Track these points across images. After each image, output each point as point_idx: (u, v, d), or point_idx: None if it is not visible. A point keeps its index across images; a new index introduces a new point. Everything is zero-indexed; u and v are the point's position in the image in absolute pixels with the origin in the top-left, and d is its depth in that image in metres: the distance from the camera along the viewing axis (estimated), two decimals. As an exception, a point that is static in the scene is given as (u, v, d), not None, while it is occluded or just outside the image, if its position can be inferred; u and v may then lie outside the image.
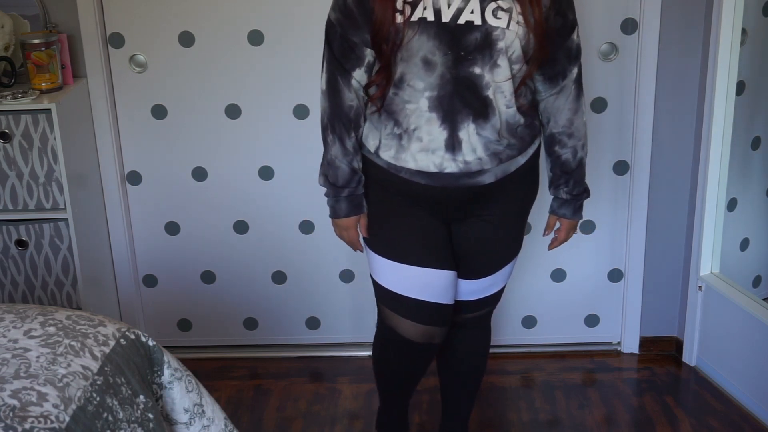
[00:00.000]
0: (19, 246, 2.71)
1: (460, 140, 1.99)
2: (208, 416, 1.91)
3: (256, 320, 3.15)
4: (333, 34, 2.02)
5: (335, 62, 2.03)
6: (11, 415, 1.45)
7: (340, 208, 2.13)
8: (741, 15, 2.67)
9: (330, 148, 2.08)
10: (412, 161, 2.02)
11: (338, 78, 2.03)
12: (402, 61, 1.96)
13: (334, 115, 2.06)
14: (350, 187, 2.10)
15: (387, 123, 2.03)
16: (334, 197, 2.12)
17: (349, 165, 2.08)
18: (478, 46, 1.93)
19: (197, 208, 3.02)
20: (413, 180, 2.05)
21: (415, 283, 2.13)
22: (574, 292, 3.09)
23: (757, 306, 2.72)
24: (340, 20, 2.00)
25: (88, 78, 2.84)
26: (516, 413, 2.78)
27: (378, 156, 2.07)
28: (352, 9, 1.97)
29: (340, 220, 2.15)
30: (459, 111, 1.97)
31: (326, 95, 2.06)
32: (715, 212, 2.84)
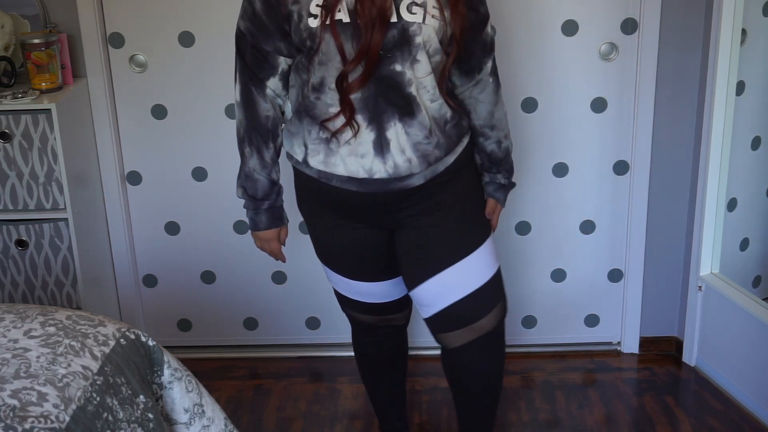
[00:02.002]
0: (19, 246, 2.71)
1: (388, 141, 1.96)
2: (208, 416, 1.91)
3: (256, 320, 3.15)
4: (244, 43, 1.99)
5: (248, 72, 2.00)
6: (11, 415, 1.45)
7: (260, 221, 2.13)
8: (741, 15, 2.67)
9: (248, 161, 2.06)
10: (342, 165, 1.98)
11: (252, 88, 2.01)
12: (320, 65, 1.92)
13: (250, 127, 2.04)
14: (270, 199, 2.10)
15: (311, 128, 1.99)
16: (254, 210, 2.11)
17: (268, 177, 2.07)
18: (397, 44, 1.90)
19: (197, 208, 3.02)
20: (344, 188, 2.01)
21: (359, 290, 2.23)
22: (574, 292, 3.09)
23: (757, 306, 2.72)
24: (250, 29, 1.97)
25: (88, 78, 2.84)
26: (516, 413, 2.78)
27: (307, 164, 2.03)
28: (261, 16, 1.95)
29: (261, 233, 2.16)
30: (384, 111, 1.94)
31: (241, 107, 2.03)
32: (715, 212, 2.84)
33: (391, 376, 2.48)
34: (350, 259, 2.18)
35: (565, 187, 2.96)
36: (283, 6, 1.91)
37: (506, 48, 2.79)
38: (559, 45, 2.81)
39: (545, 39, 2.81)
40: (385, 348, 2.42)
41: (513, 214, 2.99)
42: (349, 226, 2.12)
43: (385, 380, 2.48)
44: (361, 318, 2.34)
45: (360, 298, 2.26)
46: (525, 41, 2.80)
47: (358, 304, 2.29)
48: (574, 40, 2.80)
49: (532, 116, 2.88)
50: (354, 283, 2.22)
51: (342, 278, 2.23)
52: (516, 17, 2.77)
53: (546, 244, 3.03)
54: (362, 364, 2.48)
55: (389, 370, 2.47)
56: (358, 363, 2.50)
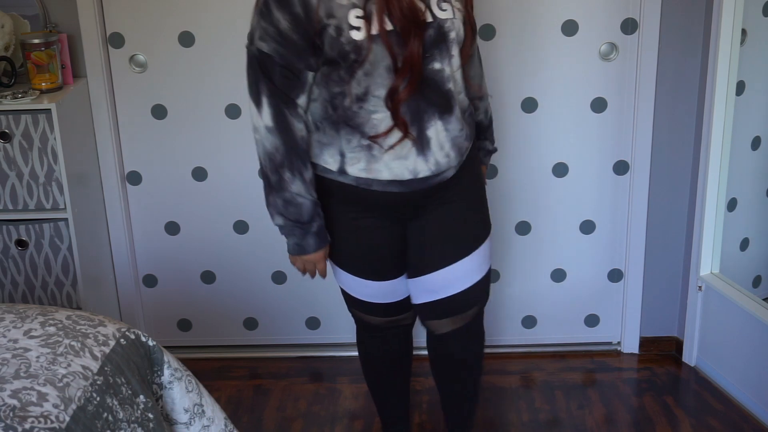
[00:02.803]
0: (19, 246, 2.71)
1: (428, 139, 1.98)
2: (208, 416, 1.91)
3: (256, 320, 3.15)
4: (270, 65, 1.91)
5: (279, 95, 1.93)
6: (11, 415, 1.45)
7: (308, 244, 2.06)
8: (741, 15, 2.67)
9: (289, 186, 1.98)
10: (386, 170, 1.98)
11: (285, 111, 1.94)
12: (366, 75, 1.90)
13: (289, 151, 1.96)
14: (317, 220, 2.03)
15: (351, 137, 1.97)
16: (300, 234, 2.04)
17: (312, 198, 2.01)
18: (435, 42, 1.93)
19: (197, 208, 3.02)
20: (386, 191, 2.01)
21: (375, 291, 2.22)
22: (574, 292, 3.09)
23: (757, 306, 2.72)
24: (277, 50, 1.89)
25: (88, 78, 2.84)
26: (516, 413, 2.78)
27: (343, 173, 2.01)
28: (290, 35, 1.87)
29: (308, 256, 2.09)
30: (425, 110, 1.96)
31: (275, 132, 1.95)
32: (715, 212, 2.84)
33: (397, 376, 2.46)
34: (372, 258, 2.16)
35: (565, 187, 2.96)
36: (315, 21, 1.86)
37: (506, 48, 2.79)
38: (559, 45, 2.81)
39: (545, 39, 2.81)
40: (393, 349, 2.40)
41: (513, 214, 2.99)
42: (376, 225, 2.11)
43: (391, 381, 2.46)
44: (371, 320, 2.32)
45: (375, 299, 2.23)
46: (525, 41, 2.80)
47: (370, 306, 2.26)
48: (574, 40, 2.80)
49: (532, 116, 2.88)
50: (371, 284, 2.19)
51: (360, 280, 2.19)
52: (516, 17, 2.77)
53: (546, 244, 3.03)
54: (368, 366, 2.46)
55: (396, 371, 2.45)
56: (364, 365, 2.47)
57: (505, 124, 2.86)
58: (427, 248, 2.15)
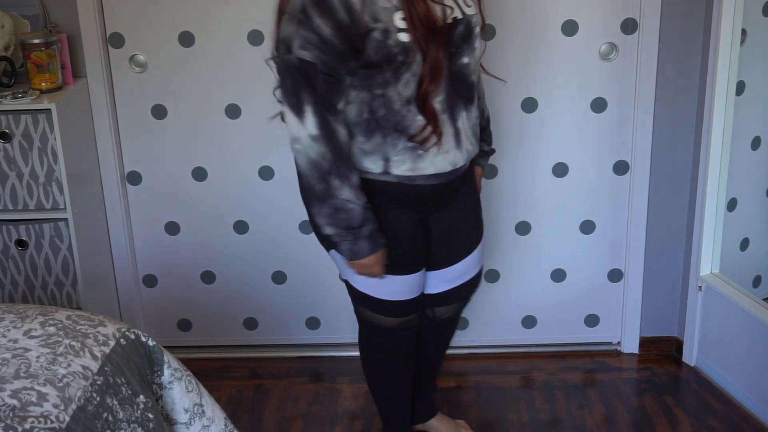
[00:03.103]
0: (19, 246, 2.71)
1: (459, 130, 2.04)
2: (208, 416, 1.91)
3: (256, 320, 3.15)
4: (313, 73, 1.89)
5: (323, 102, 1.91)
6: (11, 415, 1.45)
7: (361, 249, 2.02)
8: (741, 15, 2.67)
9: (338, 193, 1.95)
10: (431, 167, 2.03)
11: (329, 118, 1.92)
12: (414, 76, 1.92)
13: (336, 158, 1.94)
14: (368, 224, 2.01)
15: (397, 141, 1.98)
16: (352, 240, 2.01)
17: (361, 203, 1.98)
18: (464, 38, 1.99)
19: (197, 208, 3.02)
20: (428, 184, 2.06)
21: (402, 288, 2.21)
22: (574, 292, 3.09)
23: (757, 306, 2.72)
24: (320, 57, 1.87)
25: (88, 78, 2.84)
26: (516, 413, 2.78)
27: (387, 174, 2.03)
28: (333, 41, 1.86)
29: (362, 261, 2.06)
30: (456, 104, 2.02)
31: (321, 140, 1.92)
32: (715, 212, 2.84)
33: (403, 378, 2.46)
34: (408, 250, 2.17)
35: (565, 187, 2.96)
36: (360, 26, 1.86)
37: (506, 48, 2.79)
38: (559, 45, 2.81)
39: (545, 39, 2.81)
40: (402, 351, 2.37)
41: (513, 214, 2.99)
42: (410, 219, 2.14)
43: (397, 382, 2.45)
44: (384, 322, 2.27)
45: (398, 296, 2.21)
46: (525, 41, 2.80)
47: (388, 305, 2.22)
48: (574, 40, 2.80)
49: (532, 116, 2.88)
50: (402, 279, 2.17)
51: (392, 277, 2.16)
52: (516, 17, 2.77)
53: (546, 244, 3.03)
54: (373, 368, 2.43)
55: (403, 372, 2.44)
56: (368, 366, 2.44)
57: (505, 124, 2.86)
58: (454, 239, 2.24)
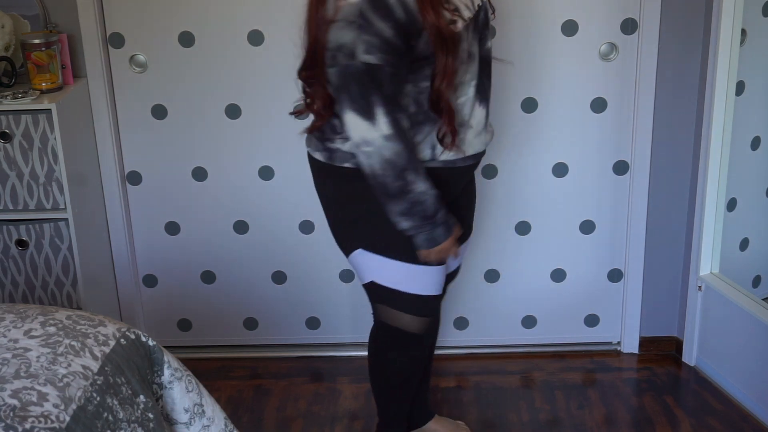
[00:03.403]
0: (19, 246, 2.71)
1: (488, 113, 2.16)
2: (208, 416, 1.91)
3: (256, 320, 3.15)
4: (383, 76, 1.92)
5: (393, 103, 1.95)
6: (11, 414, 1.45)
7: (438, 235, 2.06)
8: (741, 15, 2.67)
9: (414, 187, 1.99)
10: (470, 149, 2.11)
11: (399, 116, 1.97)
12: (462, 64, 2.01)
13: (410, 154, 1.98)
14: (441, 211, 2.04)
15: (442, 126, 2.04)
16: (430, 228, 2.05)
17: (435, 191, 2.02)
18: (486, 23, 2.08)
19: (197, 208, 3.02)
20: (465, 165, 2.14)
21: (432, 280, 2.21)
22: (574, 292, 3.09)
23: (757, 306, 2.72)
24: (388, 60, 1.91)
25: (88, 78, 2.84)
26: (516, 413, 2.78)
27: (434, 160, 2.07)
28: (395, 41, 1.90)
29: (440, 246, 2.09)
30: (487, 88, 2.13)
31: (395, 138, 1.95)
32: (715, 212, 2.84)
33: (416, 383, 2.45)
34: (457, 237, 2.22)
35: (565, 187, 2.96)
36: (417, 23, 1.91)
37: (506, 48, 2.79)
38: (559, 45, 2.81)
39: (545, 39, 2.81)
40: (422, 357, 2.37)
41: (513, 214, 2.99)
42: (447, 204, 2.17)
43: (410, 389, 2.43)
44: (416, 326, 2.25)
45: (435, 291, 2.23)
46: (525, 41, 2.80)
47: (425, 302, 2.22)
48: (574, 40, 2.81)
49: (532, 116, 2.88)
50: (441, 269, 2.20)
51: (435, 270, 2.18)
52: (516, 17, 2.77)
53: (546, 244, 3.03)
54: (392, 377, 2.40)
55: (417, 378, 2.44)
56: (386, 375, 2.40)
57: (505, 124, 2.86)
58: (466, 220, 2.34)
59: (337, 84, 1.96)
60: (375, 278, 2.22)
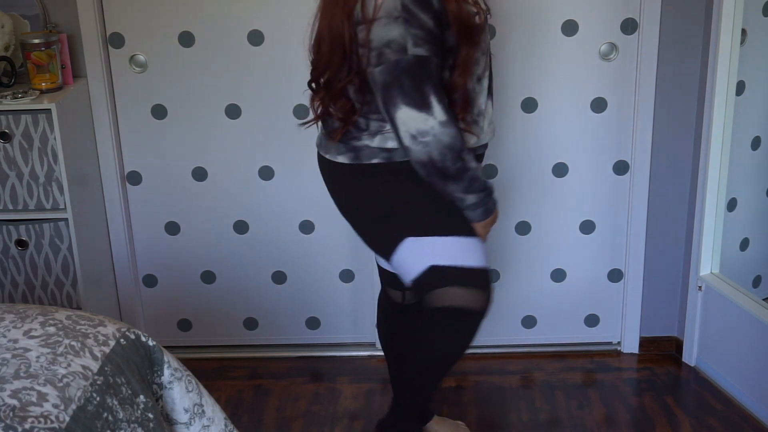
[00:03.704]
0: (19, 246, 2.71)
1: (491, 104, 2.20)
2: (208, 416, 1.91)
3: (256, 320, 3.15)
4: (432, 67, 1.97)
5: (441, 91, 2.00)
6: (11, 415, 1.45)
7: (492, 204, 2.15)
8: (741, 15, 2.67)
9: (470, 164, 2.05)
10: (485, 136, 2.18)
11: (446, 103, 2.02)
12: (483, 55, 2.10)
13: (462, 135, 2.05)
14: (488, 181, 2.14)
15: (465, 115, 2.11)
16: (487, 198, 2.13)
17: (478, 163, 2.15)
18: (486, 21, 2.11)
19: (197, 208, 3.02)
20: (478, 152, 2.21)
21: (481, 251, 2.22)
22: (574, 292, 3.09)
23: (757, 306, 2.72)
24: (433, 50, 1.96)
25: (88, 78, 2.84)
26: (516, 413, 2.78)
27: None
28: (436, 32, 1.96)
29: (492, 215, 2.18)
30: (491, 79, 2.19)
31: (450, 123, 2.00)
32: (715, 212, 2.84)
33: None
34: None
35: (565, 187, 2.96)
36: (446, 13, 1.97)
37: (506, 48, 2.79)
38: (559, 45, 2.81)
39: (545, 39, 2.81)
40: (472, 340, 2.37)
41: (513, 214, 2.99)
42: None
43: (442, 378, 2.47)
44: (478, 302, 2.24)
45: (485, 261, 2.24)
46: (525, 41, 2.80)
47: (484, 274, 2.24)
48: (574, 40, 2.80)
49: (532, 116, 2.88)
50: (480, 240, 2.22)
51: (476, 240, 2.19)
52: (516, 17, 2.77)
53: (546, 244, 3.03)
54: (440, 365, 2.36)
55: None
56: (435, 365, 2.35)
57: (505, 124, 2.86)
58: None
59: (385, 81, 1.96)
60: (434, 261, 2.17)
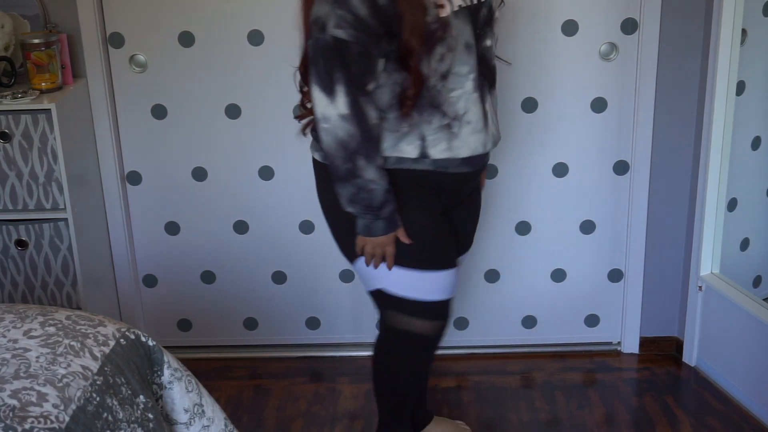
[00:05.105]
0: (19, 246, 2.71)
1: (486, 112, 2.09)
2: (208, 416, 1.91)
3: (256, 320, 3.15)
4: (348, 52, 1.89)
5: (355, 82, 1.92)
6: (11, 415, 1.45)
7: (377, 228, 2.06)
8: (741, 15, 2.67)
9: (363, 173, 1.97)
10: (465, 147, 2.05)
11: (360, 99, 1.94)
12: (450, 52, 1.96)
13: (364, 139, 1.95)
14: (388, 206, 2.03)
15: (431, 118, 2.00)
16: (371, 219, 2.05)
17: (385, 185, 2.01)
18: (487, 20, 2.04)
19: (197, 208, 3.02)
20: (459, 171, 2.08)
21: (443, 285, 2.17)
22: (574, 292, 3.09)
23: (757, 306, 2.72)
24: (356, 36, 1.87)
25: (88, 78, 2.84)
26: (516, 413, 2.78)
27: (423, 158, 2.03)
28: (369, 22, 1.87)
29: (376, 238, 2.08)
30: (483, 85, 2.07)
31: (351, 119, 1.93)
32: (715, 212, 2.84)
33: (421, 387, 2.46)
34: (448, 243, 2.19)
35: (565, 187, 2.96)
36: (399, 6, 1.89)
37: (506, 48, 2.78)
38: (559, 45, 2.81)
39: (545, 39, 2.81)
40: (429, 360, 2.36)
41: (513, 214, 2.99)
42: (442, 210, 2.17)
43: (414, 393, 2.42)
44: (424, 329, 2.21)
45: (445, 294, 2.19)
46: (525, 41, 2.80)
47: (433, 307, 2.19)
48: (574, 40, 2.80)
49: (532, 116, 2.88)
50: (448, 274, 2.17)
51: (437, 274, 2.15)
52: (516, 17, 2.77)
53: (546, 244, 3.03)
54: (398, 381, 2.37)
55: (422, 382, 2.44)
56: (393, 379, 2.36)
57: (505, 124, 2.86)
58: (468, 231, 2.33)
59: (309, 57, 1.95)
60: (383, 285, 2.17)
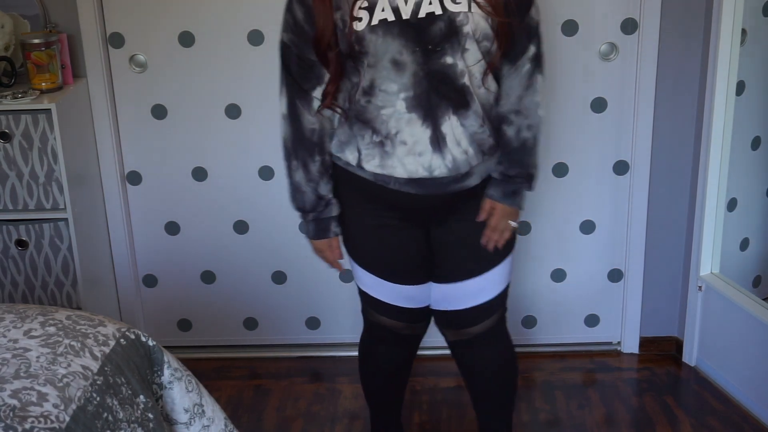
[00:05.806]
0: (19, 246, 2.71)
1: (444, 135, 1.94)
2: (208, 416, 1.91)
3: (256, 320, 3.15)
4: (288, 55, 1.98)
5: (294, 85, 1.99)
6: (11, 415, 1.45)
7: (308, 230, 2.15)
8: (741, 15, 2.67)
9: (294, 174, 2.06)
10: (400, 167, 1.96)
11: (297, 101, 2.00)
12: (369, 67, 1.90)
13: (296, 141, 2.03)
14: (316, 212, 2.10)
15: (363, 133, 1.97)
16: (303, 220, 2.15)
17: (315, 191, 2.06)
18: (445, 36, 1.88)
19: (197, 208, 3.02)
20: (402, 190, 2.00)
21: (395, 293, 2.18)
22: (574, 292, 3.09)
23: (757, 306, 2.72)
24: (293, 40, 1.96)
25: (88, 78, 2.84)
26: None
27: (361, 168, 2.02)
28: (303, 26, 1.93)
29: (313, 242, 2.18)
30: (437, 105, 1.92)
31: (287, 120, 2.02)
32: (715, 212, 2.84)
33: (396, 383, 2.44)
34: (392, 259, 2.14)
35: (565, 187, 2.96)
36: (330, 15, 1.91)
37: (506, 48, 2.79)
38: (559, 45, 2.81)
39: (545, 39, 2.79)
40: (398, 356, 2.35)
41: (513, 214, 2.99)
42: (399, 226, 2.10)
43: (389, 388, 2.43)
44: (384, 322, 2.24)
45: (396, 302, 2.18)
46: (525, 41, 2.80)
47: (386, 307, 2.21)
48: (574, 40, 2.81)
49: (532, 116, 2.88)
50: (389, 285, 2.16)
51: (377, 280, 2.16)
52: (516, 17, 2.77)
53: (546, 244, 3.03)
54: (368, 370, 2.40)
55: (396, 378, 2.42)
56: (363, 367, 2.41)
57: (505, 124, 2.86)
58: (449, 258, 2.13)
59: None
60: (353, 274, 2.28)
